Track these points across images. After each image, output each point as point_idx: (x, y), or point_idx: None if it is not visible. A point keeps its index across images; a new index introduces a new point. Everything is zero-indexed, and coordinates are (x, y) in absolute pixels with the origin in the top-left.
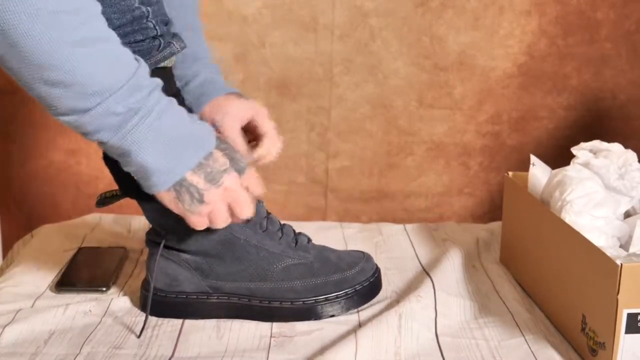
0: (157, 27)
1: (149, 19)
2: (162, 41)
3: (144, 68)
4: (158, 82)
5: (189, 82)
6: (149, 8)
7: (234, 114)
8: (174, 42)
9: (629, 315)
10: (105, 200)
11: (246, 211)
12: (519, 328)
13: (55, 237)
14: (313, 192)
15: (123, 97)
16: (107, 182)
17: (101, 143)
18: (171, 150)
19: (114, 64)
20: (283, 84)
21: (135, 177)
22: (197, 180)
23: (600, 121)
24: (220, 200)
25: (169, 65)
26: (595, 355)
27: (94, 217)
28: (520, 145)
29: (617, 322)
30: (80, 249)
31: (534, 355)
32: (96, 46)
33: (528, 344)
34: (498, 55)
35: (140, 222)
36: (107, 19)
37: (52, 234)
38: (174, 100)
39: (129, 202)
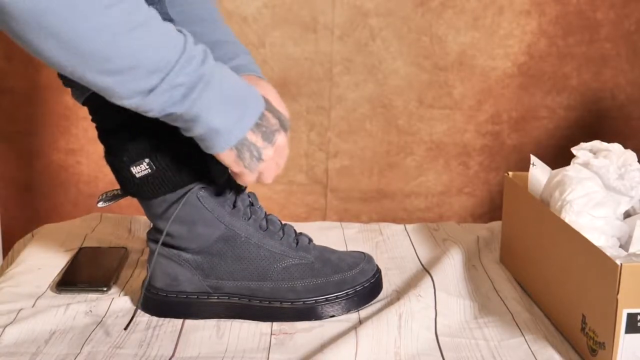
0: None
1: None
2: None
3: (190, 37)
4: (205, 47)
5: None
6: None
7: (266, 88)
8: None
9: (629, 315)
10: (106, 200)
11: (282, 166)
12: (519, 328)
13: (56, 237)
14: (313, 192)
15: (182, 67)
16: (107, 181)
17: (168, 115)
18: (235, 110)
19: (167, 39)
20: (283, 84)
21: (199, 141)
22: (255, 139)
23: (600, 121)
24: (272, 157)
25: None
26: (595, 355)
27: (94, 217)
28: (520, 145)
29: (617, 322)
30: (80, 249)
31: (534, 355)
32: (148, 27)
33: (528, 344)
34: (498, 55)
35: (140, 222)
36: None
37: (53, 234)
38: (224, 65)
39: (130, 202)
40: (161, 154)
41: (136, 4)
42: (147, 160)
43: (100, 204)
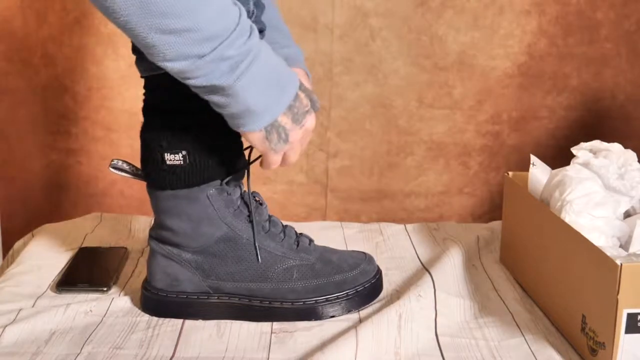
0: None
1: None
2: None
3: (244, 11)
4: (253, 25)
5: (278, 49)
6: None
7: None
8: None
9: (629, 315)
10: (118, 168)
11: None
12: (519, 328)
13: (56, 237)
14: (313, 192)
15: (235, 39)
16: (107, 181)
17: (209, 87)
18: (272, 92)
19: (224, 9)
20: None
21: (229, 118)
22: (285, 121)
23: (600, 121)
24: (299, 139)
25: None
26: (595, 355)
27: (94, 217)
28: (520, 145)
29: (617, 322)
30: (81, 249)
31: (534, 355)
32: None
33: (528, 344)
34: (498, 55)
35: (140, 222)
36: None
37: (53, 234)
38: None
39: (130, 202)
40: (199, 149)
41: None
42: (184, 152)
43: (111, 169)
